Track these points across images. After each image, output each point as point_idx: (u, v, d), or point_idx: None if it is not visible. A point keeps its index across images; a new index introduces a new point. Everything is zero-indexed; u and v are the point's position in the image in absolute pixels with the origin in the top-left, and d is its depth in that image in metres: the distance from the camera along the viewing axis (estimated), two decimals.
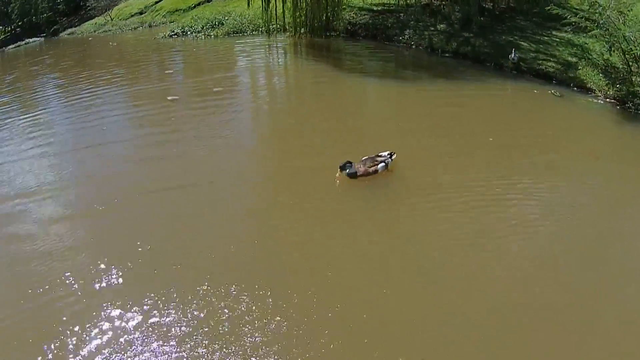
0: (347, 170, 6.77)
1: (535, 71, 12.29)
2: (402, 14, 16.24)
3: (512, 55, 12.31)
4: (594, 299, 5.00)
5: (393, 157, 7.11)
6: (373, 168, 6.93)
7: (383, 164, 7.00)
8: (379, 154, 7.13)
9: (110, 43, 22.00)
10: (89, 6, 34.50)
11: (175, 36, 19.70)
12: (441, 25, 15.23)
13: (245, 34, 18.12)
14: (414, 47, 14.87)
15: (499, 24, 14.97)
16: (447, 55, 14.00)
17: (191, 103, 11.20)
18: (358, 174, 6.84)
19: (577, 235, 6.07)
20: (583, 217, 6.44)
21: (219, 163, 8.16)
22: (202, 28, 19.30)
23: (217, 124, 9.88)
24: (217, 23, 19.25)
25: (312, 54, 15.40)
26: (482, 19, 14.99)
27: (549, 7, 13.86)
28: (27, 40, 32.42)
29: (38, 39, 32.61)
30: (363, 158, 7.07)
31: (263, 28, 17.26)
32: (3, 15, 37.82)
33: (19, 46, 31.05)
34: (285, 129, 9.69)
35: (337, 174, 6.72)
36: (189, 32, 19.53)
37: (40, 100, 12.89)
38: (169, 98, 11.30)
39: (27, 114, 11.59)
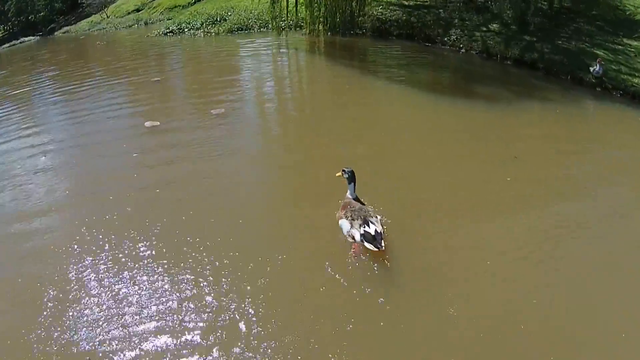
0: (347, 178, 4.72)
1: (623, 89, 9.17)
2: (441, 10, 12.95)
3: (597, 68, 9.12)
4: None
5: (366, 244, 4.13)
6: (339, 215, 4.52)
7: (347, 227, 4.36)
8: (371, 218, 4.30)
9: (98, 42, 18.78)
10: (84, 3, 31.80)
11: (171, 34, 16.39)
12: (494, 25, 12.01)
13: (252, 31, 14.72)
14: (463, 50, 11.54)
15: (559, 26, 11.94)
16: (508, 62, 10.72)
17: (175, 137, 7.16)
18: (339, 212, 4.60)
19: None
20: None
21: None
22: (202, 25, 15.95)
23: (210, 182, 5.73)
24: (218, 19, 15.90)
25: (335, 57, 11.79)
26: (536, 19, 12.02)
27: (629, 12, 10.95)
28: (22, 39, 30.46)
29: (34, 37, 30.51)
30: (358, 208, 4.48)
31: (272, 25, 13.82)
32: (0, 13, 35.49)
33: (13, 45, 29.18)
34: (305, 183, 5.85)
35: (339, 174, 4.78)
36: (186, 29, 16.20)
37: None
38: (147, 124, 7.58)
39: None
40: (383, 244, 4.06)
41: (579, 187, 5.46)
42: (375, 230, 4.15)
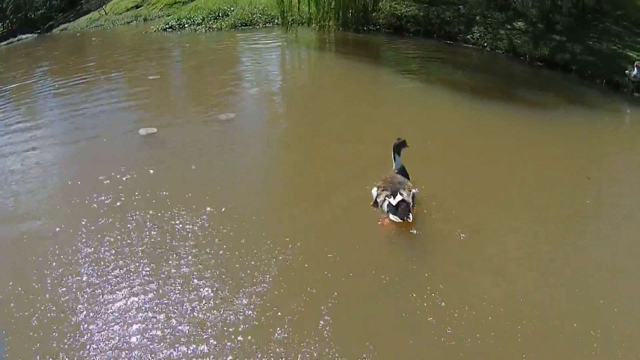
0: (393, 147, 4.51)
1: None
2: (461, 7, 11.91)
3: (635, 72, 8.15)
4: None
5: (390, 216, 4.07)
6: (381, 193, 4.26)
7: (374, 196, 4.32)
8: (403, 190, 4.12)
9: (93, 39, 17.69)
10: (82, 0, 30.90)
11: (170, 29, 15.29)
12: (519, 23, 11.00)
13: (257, 26, 13.62)
14: (488, 49, 10.51)
15: (585, 26, 11.00)
16: (538, 63, 9.70)
17: (177, 145, 6.09)
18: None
19: None
20: None
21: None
22: (203, 20, 14.87)
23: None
24: (220, 14, 14.80)
25: (349, 55, 10.60)
26: (562, 17, 11.08)
27: None
28: (20, 36, 29.44)
29: (32, 35, 29.56)
30: (397, 181, 4.32)
31: (279, 20, 12.68)
32: None
33: (11, 43, 28.21)
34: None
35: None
36: (186, 25, 15.12)
37: None
38: (142, 132, 6.46)
39: None
40: (410, 217, 3.95)
41: (585, 189, 5.00)
42: (402, 201, 3.99)
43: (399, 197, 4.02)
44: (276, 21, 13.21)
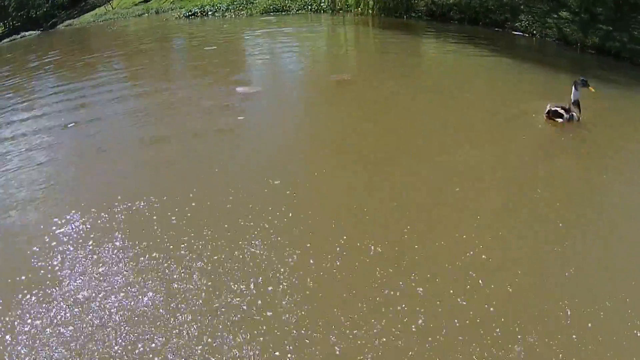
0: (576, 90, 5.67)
1: None
2: None
3: None
4: None
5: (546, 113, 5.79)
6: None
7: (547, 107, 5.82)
8: (568, 110, 5.65)
9: (109, 28, 17.04)
10: None
11: (193, 17, 14.75)
12: (563, 12, 10.72)
13: (289, 13, 13.13)
14: (537, 37, 10.21)
15: (624, 18, 10.80)
16: (590, 51, 9.41)
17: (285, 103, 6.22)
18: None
19: None
20: None
21: None
22: (228, 7, 14.35)
23: None
24: (245, 1, 14.31)
25: (396, 46, 10.02)
26: (604, 9, 10.85)
27: None
28: (22, 33, 28.68)
29: (35, 32, 28.85)
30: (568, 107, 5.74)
31: (324, 5, 12.14)
32: (0, 9, 33.72)
33: (14, 40, 27.16)
34: None
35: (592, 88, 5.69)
36: (209, 12, 14.59)
37: None
38: (240, 90, 6.57)
39: None
40: (559, 120, 5.57)
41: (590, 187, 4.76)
42: (559, 110, 5.60)
43: (558, 108, 5.62)
44: (310, 8, 12.76)
